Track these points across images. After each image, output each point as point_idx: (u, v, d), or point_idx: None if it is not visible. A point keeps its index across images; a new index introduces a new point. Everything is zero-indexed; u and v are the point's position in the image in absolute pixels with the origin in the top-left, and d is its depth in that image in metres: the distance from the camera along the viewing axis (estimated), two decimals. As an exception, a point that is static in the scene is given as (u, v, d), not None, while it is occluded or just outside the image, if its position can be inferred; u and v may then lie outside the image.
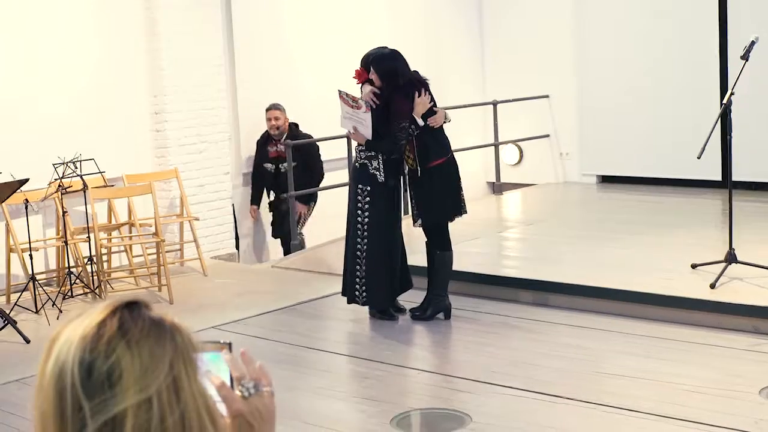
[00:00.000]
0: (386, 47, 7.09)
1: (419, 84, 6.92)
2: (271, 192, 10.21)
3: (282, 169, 9.81)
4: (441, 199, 6.95)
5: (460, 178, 7.05)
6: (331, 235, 9.47)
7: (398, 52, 6.99)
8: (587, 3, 11.79)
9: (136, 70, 9.26)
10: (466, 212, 7.10)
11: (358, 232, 6.98)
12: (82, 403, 1.28)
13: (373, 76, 6.91)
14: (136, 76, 9.27)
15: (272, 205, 10.22)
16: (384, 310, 7.18)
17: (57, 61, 8.71)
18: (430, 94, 6.95)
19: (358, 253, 7.00)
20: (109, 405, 1.28)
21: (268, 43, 10.35)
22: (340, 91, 7.01)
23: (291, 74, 10.52)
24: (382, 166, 6.91)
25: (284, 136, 9.76)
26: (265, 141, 10.02)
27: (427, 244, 7.12)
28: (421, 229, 7.11)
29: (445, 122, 7.00)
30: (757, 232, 8.41)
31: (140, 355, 1.31)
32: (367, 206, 6.96)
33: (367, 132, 6.88)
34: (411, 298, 7.27)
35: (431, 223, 7.02)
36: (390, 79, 6.86)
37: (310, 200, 10.12)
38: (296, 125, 9.95)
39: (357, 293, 7.06)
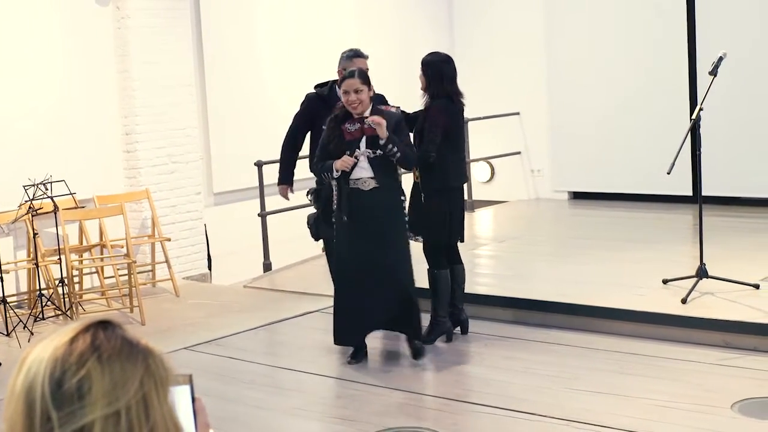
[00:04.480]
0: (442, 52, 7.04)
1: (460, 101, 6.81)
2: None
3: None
4: (430, 221, 6.72)
5: (460, 207, 6.87)
6: (301, 255, 9.46)
7: (451, 58, 6.91)
8: (557, 21, 11.87)
9: (106, 91, 9.23)
10: (461, 240, 6.92)
11: None
12: (51, 414, 1.29)
13: (421, 77, 6.81)
14: (107, 97, 9.23)
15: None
16: (354, 351, 6.63)
17: (27, 83, 8.66)
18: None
19: None
20: (77, 416, 1.28)
21: (239, 64, 10.35)
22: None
23: (262, 94, 10.51)
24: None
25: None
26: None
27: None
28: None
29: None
30: (728, 246, 8.48)
31: (111, 371, 1.31)
32: None
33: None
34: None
35: (424, 241, 6.83)
36: (435, 80, 6.73)
37: None
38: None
39: None
